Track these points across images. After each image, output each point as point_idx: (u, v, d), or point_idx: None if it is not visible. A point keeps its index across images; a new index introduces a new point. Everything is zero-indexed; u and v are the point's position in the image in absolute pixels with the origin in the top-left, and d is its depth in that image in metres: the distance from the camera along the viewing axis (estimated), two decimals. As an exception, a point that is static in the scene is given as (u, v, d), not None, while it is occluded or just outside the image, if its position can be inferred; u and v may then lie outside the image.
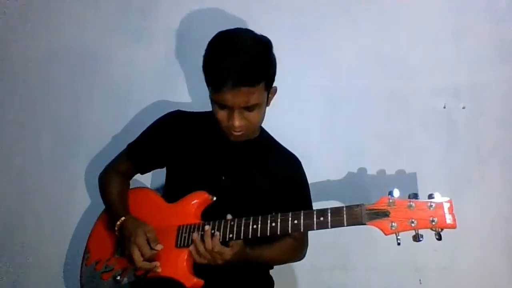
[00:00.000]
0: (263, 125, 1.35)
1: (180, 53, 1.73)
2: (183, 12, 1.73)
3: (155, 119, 1.41)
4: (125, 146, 1.43)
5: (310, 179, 1.41)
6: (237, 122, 1.18)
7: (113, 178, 1.41)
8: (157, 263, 1.19)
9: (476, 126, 1.67)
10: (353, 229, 1.06)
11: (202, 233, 1.16)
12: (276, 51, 1.23)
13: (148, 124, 1.41)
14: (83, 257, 1.38)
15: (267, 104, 1.26)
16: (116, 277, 1.25)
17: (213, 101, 1.20)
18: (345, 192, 1.63)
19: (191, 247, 1.17)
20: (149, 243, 1.19)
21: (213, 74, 1.16)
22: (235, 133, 1.22)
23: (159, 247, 1.18)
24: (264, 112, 1.25)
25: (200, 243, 1.14)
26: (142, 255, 1.18)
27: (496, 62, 1.68)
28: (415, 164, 1.66)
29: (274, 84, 1.24)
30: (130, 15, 1.75)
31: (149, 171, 1.47)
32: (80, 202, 1.70)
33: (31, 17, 1.77)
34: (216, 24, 1.67)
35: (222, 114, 1.20)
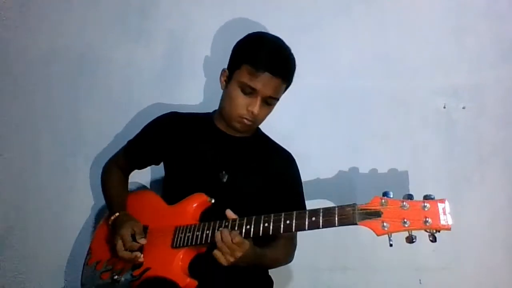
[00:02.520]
0: (263, 123, 1.35)
1: (179, 54, 1.72)
2: (183, 13, 1.72)
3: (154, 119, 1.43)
4: (125, 145, 1.47)
5: (309, 178, 1.41)
6: (256, 109, 1.23)
7: (113, 173, 1.46)
8: (138, 253, 1.22)
9: (476, 126, 1.67)
10: (353, 229, 1.05)
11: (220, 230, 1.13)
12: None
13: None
14: (86, 257, 1.41)
15: None
16: (114, 276, 1.27)
17: (239, 84, 1.23)
18: (344, 192, 1.63)
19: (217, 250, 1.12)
20: (134, 237, 1.22)
21: (254, 56, 1.21)
22: (247, 122, 1.26)
23: (142, 240, 1.22)
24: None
25: (219, 239, 1.11)
26: (124, 245, 1.22)
27: (496, 62, 1.68)
28: (415, 164, 1.66)
29: None
30: (129, 15, 1.75)
31: (145, 167, 1.51)
32: (80, 202, 1.70)
33: (31, 17, 1.77)
34: (215, 25, 1.69)
35: (242, 99, 1.23)
